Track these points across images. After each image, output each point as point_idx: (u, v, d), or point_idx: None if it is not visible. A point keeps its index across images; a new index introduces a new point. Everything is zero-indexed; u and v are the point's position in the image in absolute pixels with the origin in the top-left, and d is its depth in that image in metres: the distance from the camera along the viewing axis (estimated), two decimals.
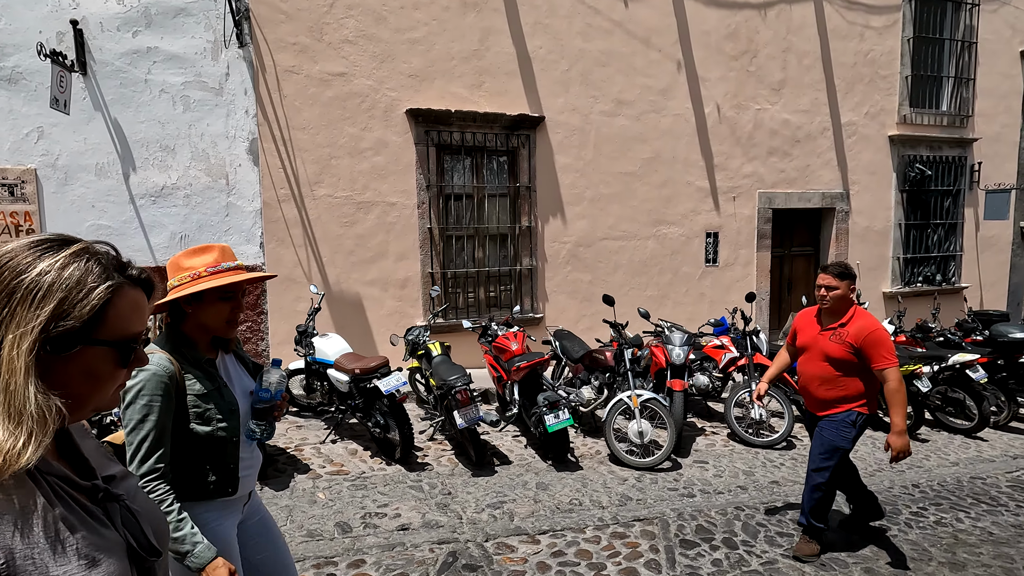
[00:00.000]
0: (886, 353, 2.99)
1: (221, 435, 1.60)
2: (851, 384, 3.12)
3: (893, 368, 3.00)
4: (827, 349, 3.15)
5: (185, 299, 1.58)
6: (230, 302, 1.62)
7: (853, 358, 3.06)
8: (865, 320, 3.10)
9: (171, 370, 1.53)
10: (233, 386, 1.68)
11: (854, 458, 4.49)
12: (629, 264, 7.64)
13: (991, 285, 9.90)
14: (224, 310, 1.61)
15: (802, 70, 8.25)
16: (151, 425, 1.49)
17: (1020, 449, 5.53)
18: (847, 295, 3.14)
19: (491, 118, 6.71)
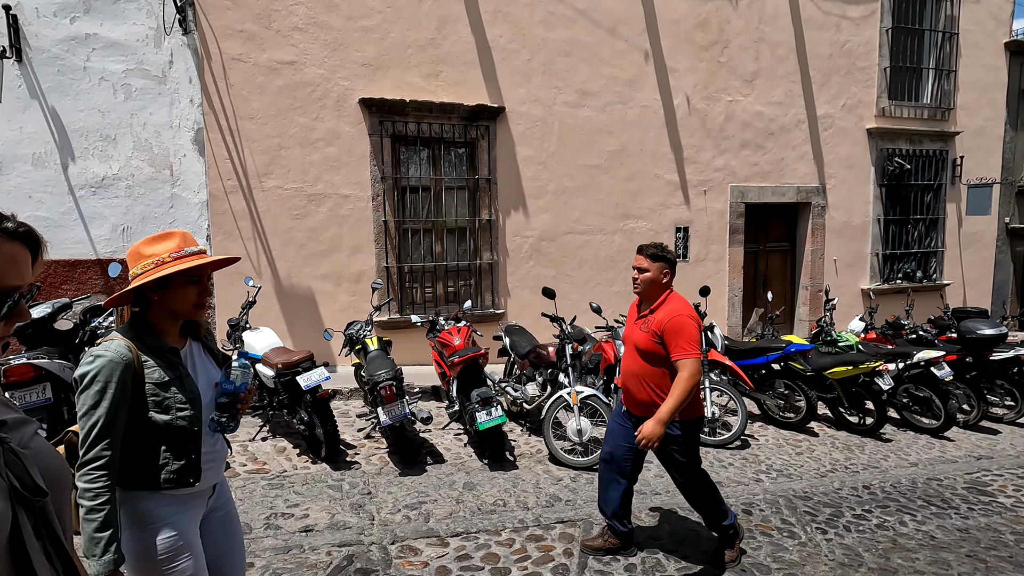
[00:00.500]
0: (684, 343, 2.63)
1: (181, 424, 1.57)
2: (663, 381, 2.73)
3: (690, 360, 2.63)
4: (637, 340, 2.81)
5: (150, 286, 1.57)
6: (197, 285, 1.62)
7: (660, 349, 2.69)
8: (673, 305, 2.74)
9: (128, 357, 1.51)
10: (197, 376, 1.66)
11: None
12: (595, 259, 7.46)
13: (975, 282, 9.68)
14: (192, 293, 1.61)
15: (776, 61, 8.05)
16: (101, 412, 1.46)
17: (986, 450, 5.34)
18: (659, 279, 2.79)
19: (448, 108, 6.54)
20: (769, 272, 8.78)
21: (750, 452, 4.94)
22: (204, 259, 1.60)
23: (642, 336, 2.78)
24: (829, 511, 3.83)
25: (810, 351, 5.48)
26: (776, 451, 5.01)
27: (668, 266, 2.82)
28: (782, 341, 5.59)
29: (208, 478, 1.66)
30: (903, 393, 5.86)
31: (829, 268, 8.70)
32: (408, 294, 6.81)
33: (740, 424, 4.98)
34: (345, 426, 5.00)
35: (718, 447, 4.97)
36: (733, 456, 4.83)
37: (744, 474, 4.45)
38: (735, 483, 4.26)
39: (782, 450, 5.05)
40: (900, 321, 7.04)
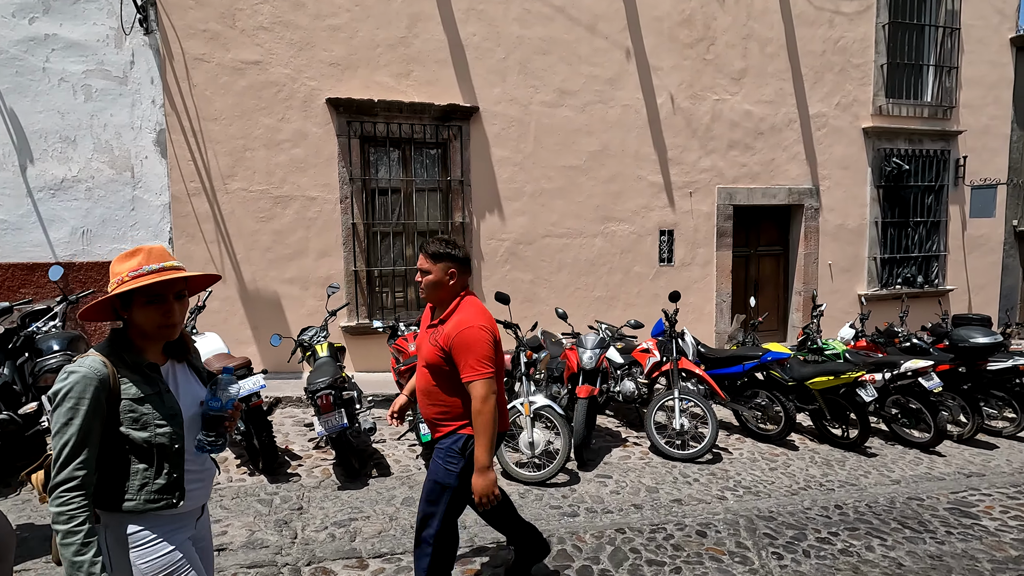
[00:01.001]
0: (474, 361, 2.22)
1: (161, 441, 1.52)
2: (450, 398, 2.35)
3: (479, 382, 2.21)
4: (425, 353, 2.39)
5: (120, 305, 1.54)
6: (156, 307, 1.53)
7: (446, 365, 2.30)
8: (463, 315, 2.30)
9: (103, 372, 1.46)
10: (179, 393, 1.61)
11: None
12: (575, 263, 7.23)
13: (981, 288, 9.27)
14: (153, 314, 1.53)
15: (765, 59, 7.78)
16: (73, 430, 1.41)
17: (978, 466, 5.00)
18: (443, 281, 2.33)
19: (419, 108, 6.38)
20: (761, 277, 8.48)
21: (720, 467, 4.67)
22: (155, 278, 1.50)
23: (430, 349, 2.35)
24: (792, 533, 3.56)
25: (787, 359, 5.19)
26: (749, 466, 4.73)
27: (455, 265, 2.35)
28: (759, 349, 5.31)
29: (195, 498, 1.61)
30: (892, 405, 5.55)
31: (824, 273, 8.37)
32: (378, 299, 6.64)
33: (710, 437, 4.71)
34: (299, 436, 4.83)
35: (687, 461, 4.71)
36: (701, 471, 4.56)
37: (708, 491, 4.18)
38: (696, 501, 4.00)
39: (755, 465, 4.77)
40: (893, 328, 6.72)
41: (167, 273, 1.53)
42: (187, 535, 1.60)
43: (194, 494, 1.60)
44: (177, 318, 1.57)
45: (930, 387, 5.14)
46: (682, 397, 4.86)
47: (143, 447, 1.49)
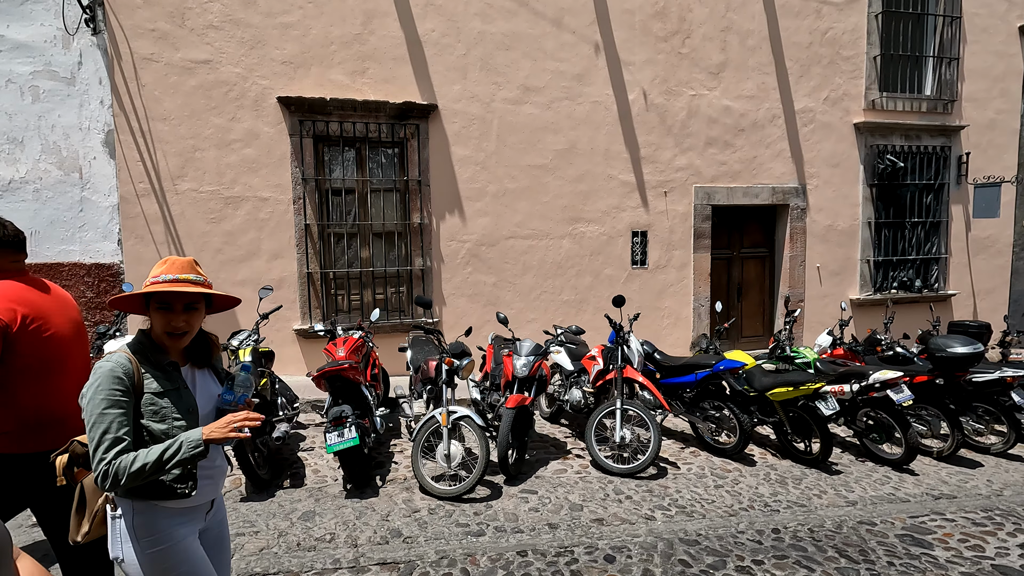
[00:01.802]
0: None
1: (177, 434, 1.59)
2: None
3: None
4: None
5: (143, 308, 1.67)
6: (165, 312, 1.64)
7: None
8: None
9: (127, 367, 1.57)
10: (196, 391, 1.70)
11: None
12: (541, 265, 6.99)
13: (988, 292, 8.71)
14: (162, 320, 1.64)
15: (746, 52, 7.42)
16: (110, 419, 1.51)
17: (952, 487, 4.60)
18: None
19: (373, 107, 6.23)
20: (744, 280, 8.10)
21: (662, 483, 4.38)
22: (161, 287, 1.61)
23: None
24: (710, 560, 3.27)
25: (741, 368, 4.87)
26: (693, 482, 4.43)
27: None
28: (714, 357, 4.99)
29: (206, 492, 1.69)
30: (863, 418, 5.17)
31: (811, 276, 7.95)
32: (333, 301, 6.50)
33: (651, 451, 4.42)
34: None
35: (626, 476, 4.43)
36: (638, 487, 4.28)
37: (638, 510, 3.91)
38: (620, 521, 3.73)
39: (701, 481, 4.46)
40: (876, 336, 6.31)
41: (176, 285, 1.61)
42: (196, 527, 1.68)
43: (204, 489, 1.68)
44: (181, 327, 1.65)
45: (899, 400, 4.75)
46: (624, 408, 4.59)
47: (161, 439, 1.57)
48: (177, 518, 1.62)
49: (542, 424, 5.65)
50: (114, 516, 1.59)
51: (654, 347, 5.53)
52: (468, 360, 4.18)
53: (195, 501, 1.66)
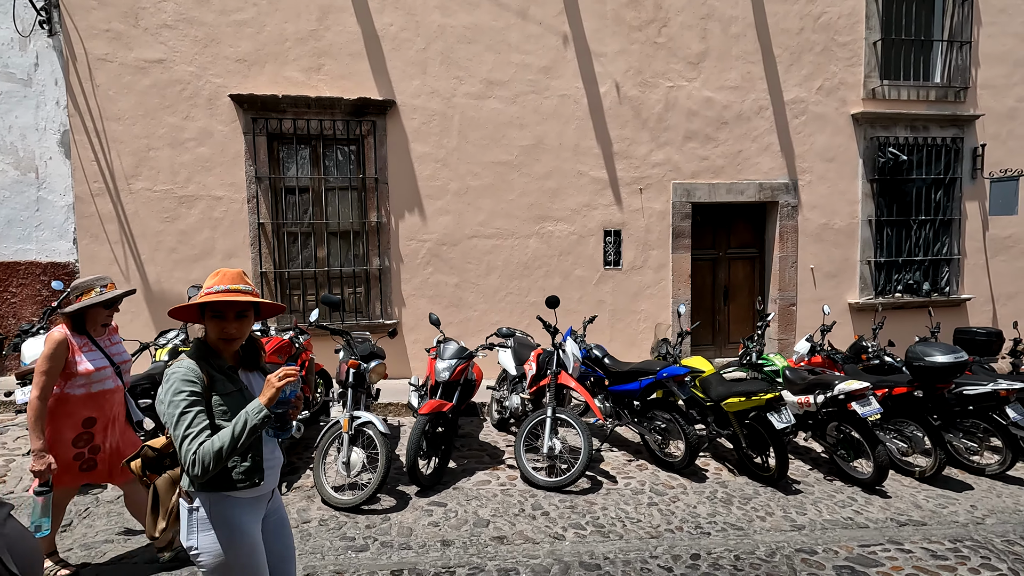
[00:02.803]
0: None
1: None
2: None
3: None
4: None
5: (199, 316, 1.82)
6: (218, 320, 1.78)
7: None
8: None
9: (197, 371, 1.73)
10: (252, 391, 1.87)
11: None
12: (506, 266, 6.72)
13: (1009, 297, 7.96)
14: (216, 327, 1.79)
15: (728, 40, 6.99)
16: (191, 416, 1.65)
17: (927, 512, 4.11)
18: None
19: (328, 103, 6.11)
20: (732, 283, 7.62)
21: (589, 499, 4.05)
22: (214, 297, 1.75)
23: None
24: None
25: (685, 375, 4.47)
26: (626, 499, 4.08)
27: None
28: (660, 363, 4.62)
29: (269, 482, 1.85)
30: (833, 433, 4.70)
31: (805, 278, 7.42)
32: (289, 301, 6.40)
33: (580, 463, 4.10)
34: None
35: (552, 490, 4.12)
36: (562, 503, 3.96)
37: (551, 528, 3.59)
38: (524, 540, 3.43)
39: (636, 498, 4.10)
40: (862, 343, 5.79)
41: (228, 295, 1.76)
42: (260, 516, 1.84)
43: (269, 476, 1.84)
44: (232, 333, 1.81)
45: (864, 414, 4.28)
46: (556, 416, 4.28)
47: None
48: (246, 507, 1.78)
49: (488, 431, 5.38)
50: (190, 508, 1.73)
51: (605, 351, 5.19)
52: (377, 363, 3.95)
53: (262, 490, 1.82)
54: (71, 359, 2.65)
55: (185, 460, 1.61)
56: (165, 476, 1.83)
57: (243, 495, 1.77)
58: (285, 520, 2.01)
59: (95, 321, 2.76)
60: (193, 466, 1.61)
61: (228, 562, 1.72)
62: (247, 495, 1.78)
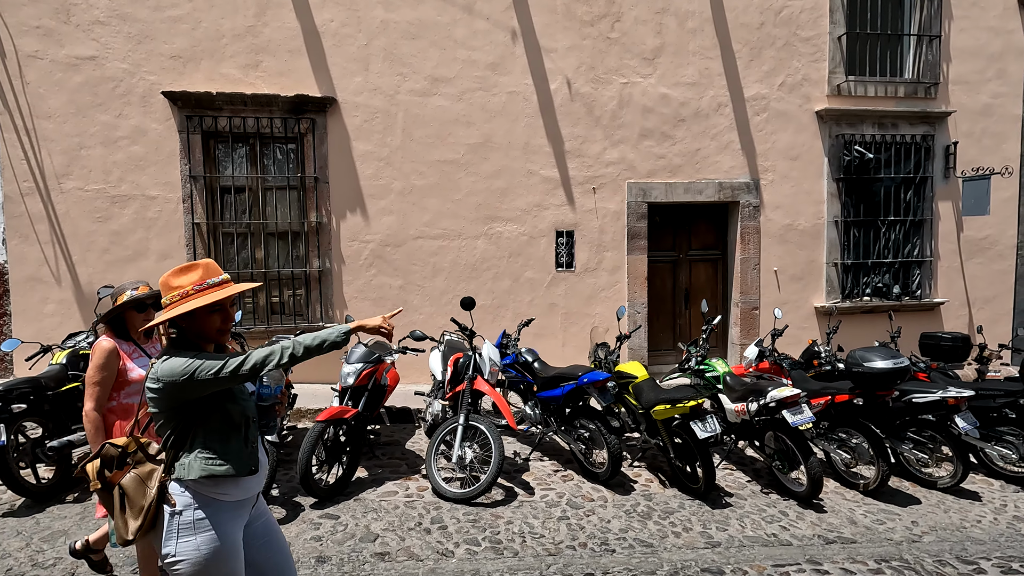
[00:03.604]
0: None
1: (249, 413, 1.81)
2: None
3: None
4: None
5: (180, 315, 1.73)
6: (219, 313, 1.78)
7: None
8: None
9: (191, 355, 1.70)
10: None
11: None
12: (453, 267, 6.52)
13: (987, 301, 7.64)
14: (215, 321, 1.77)
15: (685, 35, 6.78)
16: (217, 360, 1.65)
17: (861, 528, 3.84)
18: None
19: (264, 100, 5.96)
20: (693, 285, 7.37)
21: (497, 512, 3.82)
22: (223, 291, 1.75)
23: None
24: None
25: (604, 381, 4.24)
26: (537, 512, 3.85)
27: None
28: (582, 369, 4.39)
29: (257, 482, 1.82)
30: (772, 442, 4.45)
31: (769, 281, 7.16)
32: None
33: (489, 474, 3.88)
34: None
35: (460, 501, 3.90)
36: (466, 515, 3.74)
37: (443, 544, 3.37)
38: (408, 557, 3.21)
39: (548, 511, 3.87)
40: (815, 348, 5.53)
41: (226, 287, 1.78)
42: (242, 522, 1.78)
43: (260, 474, 1.82)
44: (231, 323, 1.83)
45: (794, 422, 4.02)
46: (469, 424, 4.07)
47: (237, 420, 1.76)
48: (233, 512, 1.73)
49: (418, 439, 5.17)
50: (172, 512, 1.66)
51: (536, 356, 4.97)
52: None
53: (249, 492, 1.78)
54: (123, 367, 2.55)
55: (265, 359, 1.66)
56: (132, 475, 1.71)
57: (232, 496, 1.73)
58: (273, 525, 1.94)
59: (134, 326, 2.66)
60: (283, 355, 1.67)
61: (206, 570, 1.65)
62: (236, 496, 1.74)
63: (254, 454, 1.79)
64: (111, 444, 1.75)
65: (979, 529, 3.95)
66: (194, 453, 1.68)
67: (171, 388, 1.65)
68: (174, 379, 1.64)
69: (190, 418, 1.71)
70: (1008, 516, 4.18)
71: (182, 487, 1.68)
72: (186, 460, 1.68)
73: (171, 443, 1.71)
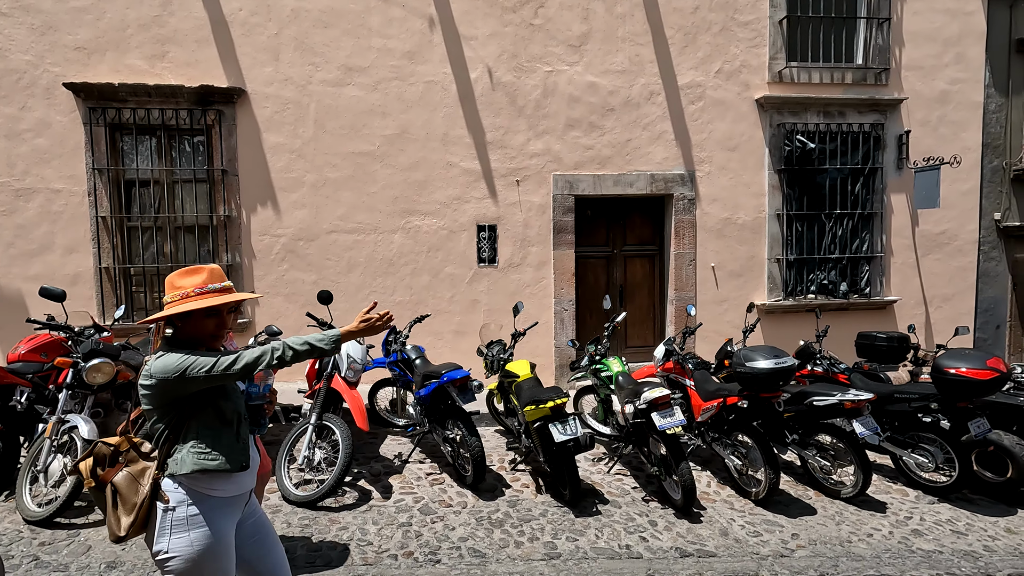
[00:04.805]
0: None
1: (240, 409, 1.85)
2: None
3: None
4: None
5: (176, 315, 1.78)
6: (215, 318, 1.81)
7: None
8: None
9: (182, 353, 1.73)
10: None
11: None
12: (369, 262, 6.34)
13: (946, 299, 7.22)
14: (209, 325, 1.80)
15: (613, 20, 6.51)
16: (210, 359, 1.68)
17: (729, 541, 3.56)
18: None
19: (168, 92, 5.85)
20: (629, 282, 7.09)
21: (335, 517, 3.62)
22: (222, 297, 1.79)
23: None
24: None
25: (463, 379, 4.01)
26: (379, 518, 3.64)
27: None
28: (448, 367, 4.17)
29: (248, 479, 1.85)
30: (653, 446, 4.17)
31: (706, 277, 6.84)
32: (135, 299, 6.14)
33: (332, 476, 3.69)
34: None
35: (302, 505, 3.71)
36: (301, 521, 3.55)
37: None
38: None
39: (394, 517, 3.66)
40: (729, 348, 5.22)
41: (226, 294, 1.82)
42: (235, 519, 1.80)
43: (251, 472, 1.85)
44: (226, 327, 1.86)
45: (662, 426, 3.76)
46: (323, 424, 3.88)
47: (229, 417, 1.79)
48: (225, 509, 1.76)
49: None
50: (166, 509, 1.68)
51: (421, 353, 4.76)
52: (99, 361, 3.60)
53: (241, 488, 1.81)
54: None
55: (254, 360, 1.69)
56: (124, 473, 1.73)
57: (224, 492, 1.75)
58: (265, 523, 1.96)
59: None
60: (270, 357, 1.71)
61: (199, 567, 1.67)
62: (228, 491, 1.76)
63: (246, 450, 1.80)
64: (103, 443, 1.78)
65: (865, 544, 3.64)
66: (187, 448, 1.71)
67: (164, 384, 1.68)
68: (167, 376, 1.66)
69: (183, 414, 1.73)
70: (906, 530, 3.86)
71: (175, 483, 1.70)
72: (179, 456, 1.70)
73: (164, 439, 1.73)
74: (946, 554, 3.57)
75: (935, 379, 4.37)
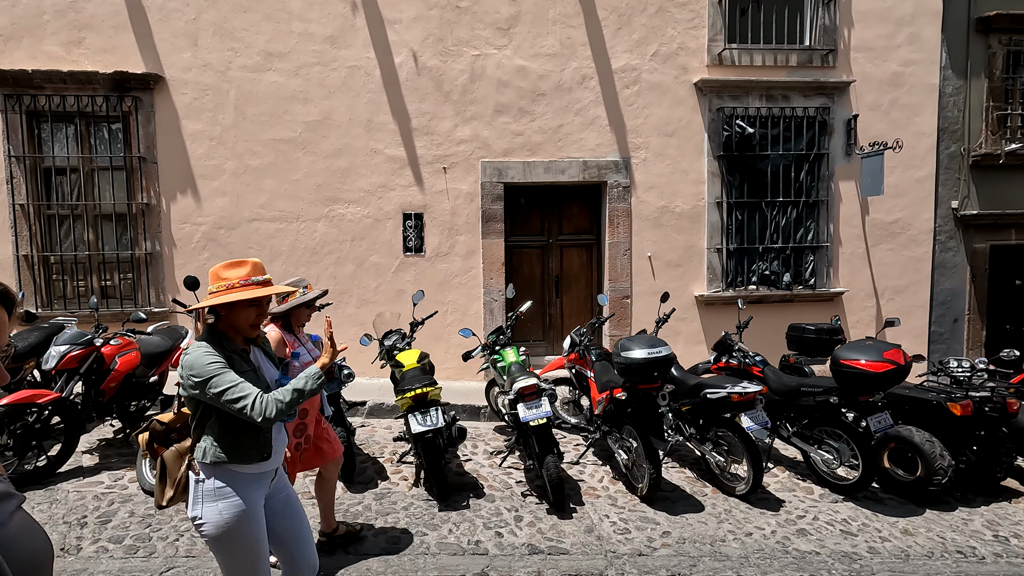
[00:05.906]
0: None
1: None
2: None
3: None
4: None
5: (221, 304, 1.90)
6: (256, 308, 1.95)
7: None
8: None
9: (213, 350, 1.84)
10: (263, 372, 2.00)
11: None
12: (292, 251, 6.25)
13: (899, 291, 6.93)
14: (251, 315, 1.93)
15: (544, 2, 6.31)
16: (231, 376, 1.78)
17: (590, 539, 3.42)
18: None
19: (84, 78, 5.80)
20: (565, 272, 6.91)
21: (178, 508, 3.53)
22: (265, 290, 1.93)
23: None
24: None
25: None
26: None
27: None
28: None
29: (275, 460, 1.96)
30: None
31: (643, 267, 6.64)
32: (55, 288, 6.12)
33: None
34: None
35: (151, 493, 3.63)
36: (146, 511, 3.47)
37: (79, 541, 3.11)
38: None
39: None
40: (729, 340, 5.04)
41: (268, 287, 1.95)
42: (264, 493, 1.93)
43: (276, 454, 1.95)
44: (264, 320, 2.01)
45: (524, 417, 3.61)
46: None
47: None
48: (251, 482, 1.87)
49: None
50: (198, 480, 1.83)
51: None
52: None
53: (268, 466, 1.92)
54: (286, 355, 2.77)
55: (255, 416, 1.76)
56: (172, 449, 1.90)
57: (249, 470, 1.86)
58: (294, 499, 2.07)
59: (298, 320, 2.93)
60: (263, 420, 1.77)
61: (229, 533, 1.81)
62: (253, 470, 1.87)
63: (267, 442, 1.90)
64: (157, 420, 1.94)
65: (738, 544, 3.47)
66: (209, 440, 1.84)
67: (186, 379, 1.80)
68: (192, 375, 1.78)
69: (207, 407, 1.84)
70: (792, 530, 3.68)
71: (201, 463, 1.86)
72: (203, 445, 1.84)
73: (195, 425, 1.87)
74: (822, 556, 3.38)
75: (833, 372, 4.18)
